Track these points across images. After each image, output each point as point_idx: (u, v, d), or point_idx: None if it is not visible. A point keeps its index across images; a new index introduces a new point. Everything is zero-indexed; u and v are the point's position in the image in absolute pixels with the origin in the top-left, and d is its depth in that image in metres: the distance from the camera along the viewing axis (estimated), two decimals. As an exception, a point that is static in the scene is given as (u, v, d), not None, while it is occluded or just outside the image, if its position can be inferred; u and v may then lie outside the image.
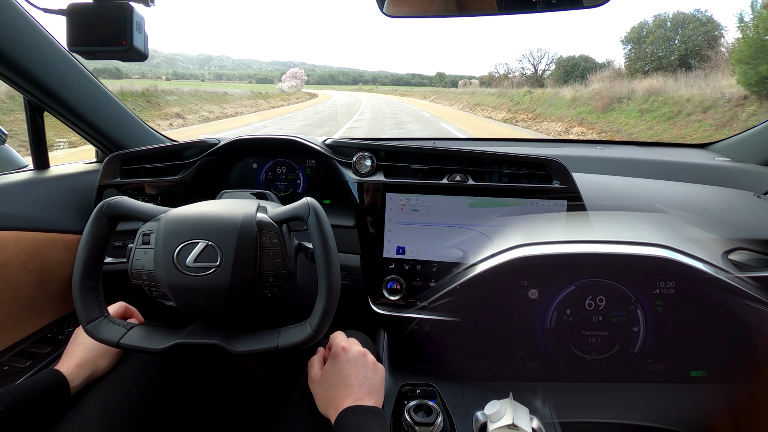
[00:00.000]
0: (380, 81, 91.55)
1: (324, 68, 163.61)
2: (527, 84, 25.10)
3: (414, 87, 62.01)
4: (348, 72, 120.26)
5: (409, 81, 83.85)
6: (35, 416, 0.60)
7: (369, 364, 0.68)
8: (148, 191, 1.07)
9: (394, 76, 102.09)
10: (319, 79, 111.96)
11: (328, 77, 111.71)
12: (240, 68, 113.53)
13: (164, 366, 0.77)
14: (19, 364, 0.83)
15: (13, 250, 0.86)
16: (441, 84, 59.04)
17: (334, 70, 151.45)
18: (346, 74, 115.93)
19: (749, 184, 1.07)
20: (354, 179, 0.99)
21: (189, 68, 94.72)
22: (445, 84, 57.16)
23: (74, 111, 1.02)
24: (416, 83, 78.02)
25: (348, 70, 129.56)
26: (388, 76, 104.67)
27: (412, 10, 0.86)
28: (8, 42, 0.82)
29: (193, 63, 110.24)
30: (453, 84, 52.51)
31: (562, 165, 0.91)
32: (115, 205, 0.63)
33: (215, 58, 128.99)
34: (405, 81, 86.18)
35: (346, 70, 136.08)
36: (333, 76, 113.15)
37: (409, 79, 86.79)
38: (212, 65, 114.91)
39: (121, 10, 0.72)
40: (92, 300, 0.63)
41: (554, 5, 0.76)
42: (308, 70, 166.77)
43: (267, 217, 0.65)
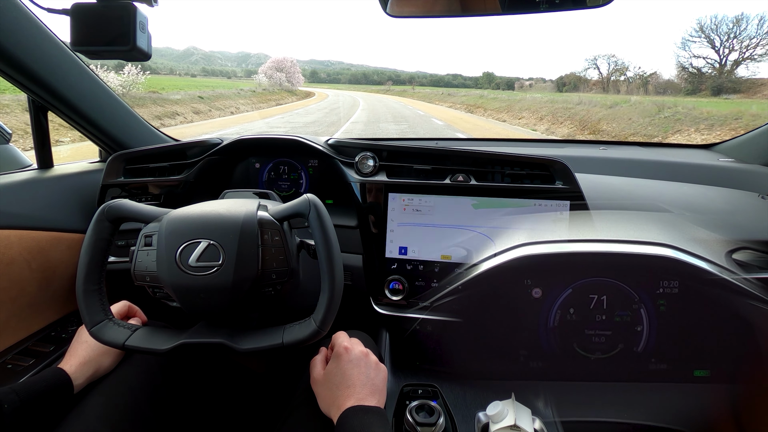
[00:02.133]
0: (418, 81, 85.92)
1: (360, 67, 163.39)
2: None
3: (459, 89, 50.76)
4: (384, 71, 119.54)
5: (450, 82, 79.22)
6: (39, 414, 0.61)
7: (371, 364, 0.68)
8: (151, 190, 1.07)
9: (433, 76, 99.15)
10: (351, 78, 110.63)
11: (361, 76, 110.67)
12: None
13: (168, 365, 0.77)
14: (23, 362, 0.83)
15: (17, 248, 0.86)
16: (490, 86, 51.08)
17: (369, 69, 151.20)
18: (381, 74, 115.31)
19: (753, 184, 1.07)
20: (356, 179, 0.99)
21: (227, 65, 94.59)
22: (496, 86, 49.15)
23: (78, 110, 1.02)
24: (458, 84, 72.01)
25: (384, 70, 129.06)
26: (427, 77, 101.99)
27: (416, 10, 0.86)
28: (12, 42, 0.82)
29: (232, 60, 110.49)
30: (508, 86, 44.97)
31: (565, 165, 0.91)
32: (117, 208, 0.63)
33: (253, 56, 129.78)
34: (446, 82, 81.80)
35: (382, 70, 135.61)
36: (367, 75, 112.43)
37: (450, 80, 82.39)
38: (250, 63, 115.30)
39: (125, 10, 0.72)
40: (96, 303, 0.63)
41: (557, 5, 0.76)
42: (344, 68, 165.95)
43: (268, 214, 0.65)
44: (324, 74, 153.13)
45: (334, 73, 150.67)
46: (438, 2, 0.87)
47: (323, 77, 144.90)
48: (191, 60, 63.22)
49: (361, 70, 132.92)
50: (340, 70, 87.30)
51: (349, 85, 71.15)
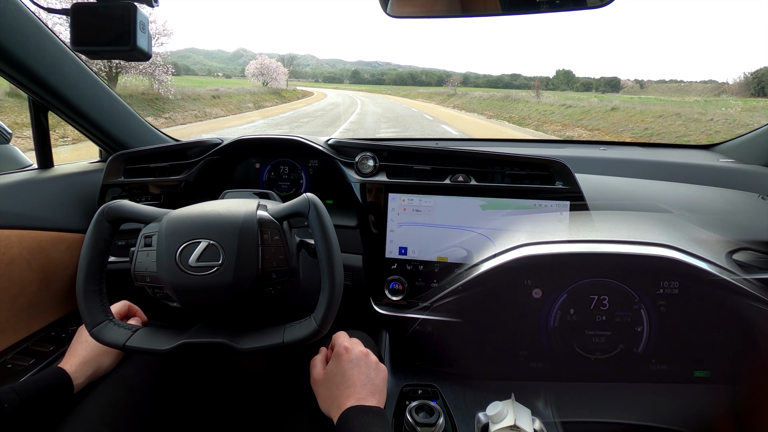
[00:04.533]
0: (472, 82, 77.79)
1: (407, 68, 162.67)
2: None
3: (518, 90, 38.32)
4: (432, 72, 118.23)
5: (511, 83, 72.81)
6: (39, 413, 0.61)
7: (371, 364, 0.68)
8: (151, 190, 1.07)
9: (487, 77, 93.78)
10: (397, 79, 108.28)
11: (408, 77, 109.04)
12: (323, 67, 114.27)
13: (168, 365, 0.77)
14: (23, 362, 0.83)
15: (18, 248, 0.86)
16: (568, 87, 39.84)
17: (417, 69, 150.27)
18: (430, 74, 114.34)
19: (753, 185, 1.07)
20: (356, 179, 0.99)
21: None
22: (578, 88, 37.40)
23: (78, 110, 1.02)
24: (520, 85, 59.97)
25: (433, 71, 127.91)
26: (479, 78, 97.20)
27: (416, 10, 0.86)
28: (13, 41, 0.82)
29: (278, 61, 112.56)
30: (612, 87, 32.03)
31: (565, 166, 0.91)
32: (116, 209, 0.63)
33: (300, 57, 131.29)
34: (505, 83, 75.52)
35: (430, 71, 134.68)
36: (414, 76, 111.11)
37: (509, 81, 75.66)
38: (296, 64, 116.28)
39: (125, 10, 0.72)
40: (96, 303, 0.63)
41: (558, 5, 0.76)
42: (391, 69, 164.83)
43: (267, 214, 0.65)
44: (367, 75, 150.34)
45: (378, 74, 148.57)
46: (438, 3, 0.87)
47: (366, 78, 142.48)
48: (240, 62, 63.47)
49: (408, 70, 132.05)
50: (387, 71, 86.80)
51: (396, 86, 66.73)
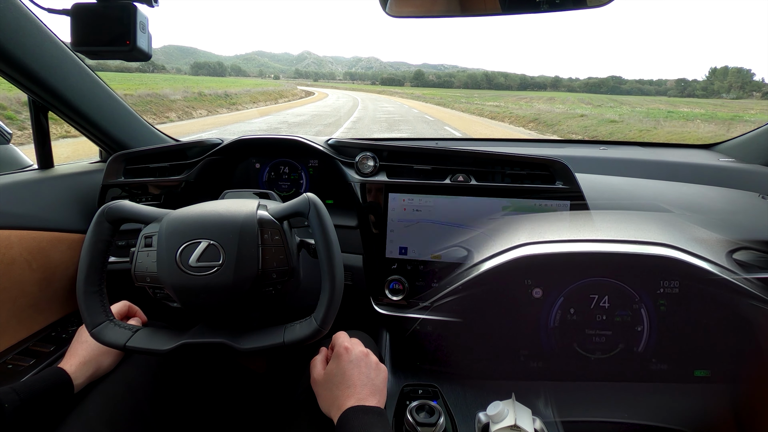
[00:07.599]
0: (566, 85, 68.22)
1: (475, 71, 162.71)
2: None
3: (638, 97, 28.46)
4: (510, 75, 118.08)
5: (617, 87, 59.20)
6: (39, 413, 0.61)
7: (372, 364, 0.68)
8: (151, 191, 1.07)
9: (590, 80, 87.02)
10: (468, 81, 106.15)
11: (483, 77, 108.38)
12: (387, 70, 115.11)
13: (168, 365, 0.77)
14: (23, 362, 0.83)
15: (18, 249, 0.86)
16: (729, 93, 28.25)
17: (479, 72, 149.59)
18: (508, 77, 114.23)
19: (754, 184, 1.07)
20: (357, 179, 0.99)
21: (337, 69, 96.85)
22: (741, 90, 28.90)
23: (78, 110, 1.02)
24: (644, 91, 48.37)
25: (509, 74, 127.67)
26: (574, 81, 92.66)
27: (416, 10, 0.86)
28: (13, 42, 0.82)
29: (343, 65, 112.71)
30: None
31: (565, 165, 0.91)
32: (116, 209, 0.63)
33: (364, 60, 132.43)
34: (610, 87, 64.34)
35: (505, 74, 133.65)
36: (490, 78, 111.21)
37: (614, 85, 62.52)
38: (360, 66, 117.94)
39: (125, 11, 0.72)
40: (97, 304, 0.63)
41: (558, 5, 0.76)
42: (458, 71, 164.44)
43: (267, 214, 0.65)
44: (433, 77, 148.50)
45: (445, 76, 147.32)
46: (438, 2, 0.87)
47: (431, 80, 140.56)
48: (304, 64, 63.99)
49: (479, 72, 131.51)
50: (455, 73, 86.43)
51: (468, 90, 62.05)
